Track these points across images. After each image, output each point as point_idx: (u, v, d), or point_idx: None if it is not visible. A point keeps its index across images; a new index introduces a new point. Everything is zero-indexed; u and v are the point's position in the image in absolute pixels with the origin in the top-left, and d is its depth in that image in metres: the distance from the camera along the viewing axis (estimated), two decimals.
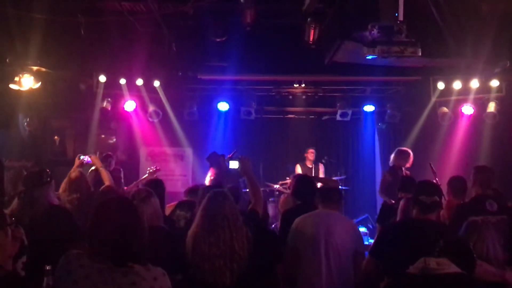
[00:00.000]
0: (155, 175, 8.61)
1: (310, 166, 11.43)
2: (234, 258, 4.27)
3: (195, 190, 6.36)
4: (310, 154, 11.52)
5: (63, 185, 6.58)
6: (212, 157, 9.61)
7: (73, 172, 6.71)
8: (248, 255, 4.33)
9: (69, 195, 6.33)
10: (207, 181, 9.27)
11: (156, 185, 5.96)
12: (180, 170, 12.39)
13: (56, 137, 11.75)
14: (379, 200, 12.53)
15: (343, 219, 5.38)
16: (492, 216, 4.91)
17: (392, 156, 8.73)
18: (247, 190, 8.38)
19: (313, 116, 13.07)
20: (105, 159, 8.22)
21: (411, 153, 8.65)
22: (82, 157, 7.21)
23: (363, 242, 5.44)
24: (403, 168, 8.53)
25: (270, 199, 10.81)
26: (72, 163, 11.01)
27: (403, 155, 8.63)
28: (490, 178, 5.80)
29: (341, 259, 5.01)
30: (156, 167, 8.87)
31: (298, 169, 11.23)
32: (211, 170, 9.55)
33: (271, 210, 9.84)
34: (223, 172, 9.11)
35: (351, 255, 5.07)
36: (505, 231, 4.54)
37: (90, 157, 7.33)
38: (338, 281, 4.99)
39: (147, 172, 8.97)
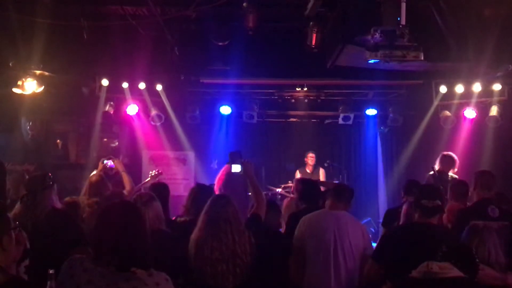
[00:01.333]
0: (157, 179, 8.60)
1: (310, 171, 11.38)
2: (237, 262, 4.27)
3: None
4: (310, 159, 11.47)
5: (84, 188, 6.64)
6: (236, 155, 9.68)
7: (94, 176, 6.75)
8: (251, 260, 4.34)
9: (89, 198, 6.36)
10: (217, 179, 9.34)
11: (161, 189, 5.97)
12: (183, 173, 12.38)
13: (58, 140, 11.77)
14: (382, 203, 12.57)
15: (353, 220, 5.33)
16: (494, 222, 4.92)
17: (437, 160, 8.63)
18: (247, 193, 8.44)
19: (315, 120, 13.07)
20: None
21: (454, 157, 8.46)
22: (105, 161, 7.27)
23: (371, 245, 5.41)
24: (450, 172, 8.38)
25: None
26: (74, 166, 11.13)
27: (445, 160, 8.51)
28: (491, 182, 5.78)
29: (349, 261, 4.99)
30: (158, 170, 8.86)
31: (298, 176, 11.14)
32: (226, 167, 9.59)
33: None
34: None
35: (359, 258, 5.05)
36: (507, 236, 4.54)
37: (113, 161, 7.38)
38: (345, 283, 4.97)
39: (149, 175, 8.97)
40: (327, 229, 5.04)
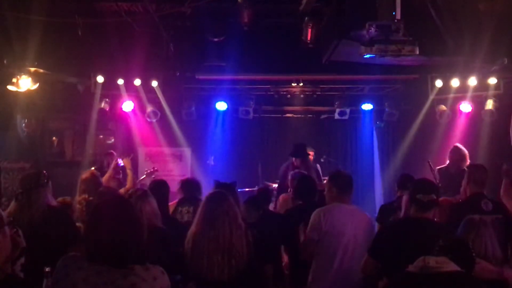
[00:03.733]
0: (152, 176, 8.61)
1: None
2: (233, 253, 4.32)
3: (190, 183, 6.37)
4: (309, 157, 11.44)
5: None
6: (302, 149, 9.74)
7: (84, 173, 6.82)
8: (247, 254, 4.36)
9: (79, 195, 6.40)
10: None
11: (160, 186, 5.98)
12: (179, 170, 12.38)
13: (54, 138, 11.75)
14: (378, 198, 12.59)
15: (365, 215, 5.35)
16: (487, 216, 4.93)
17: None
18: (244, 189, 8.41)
19: (311, 115, 13.08)
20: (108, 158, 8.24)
21: (455, 149, 8.50)
22: (119, 160, 7.40)
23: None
24: (460, 166, 8.35)
25: None
26: (70, 164, 11.13)
27: (449, 154, 8.56)
28: (484, 176, 5.78)
29: (355, 256, 4.98)
30: (153, 168, 8.87)
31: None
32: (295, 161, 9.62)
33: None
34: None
35: (363, 252, 5.04)
36: (501, 230, 4.56)
37: (122, 160, 7.46)
38: (347, 278, 4.97)
39: (145, 173, 8.97)
40: (345, 224, 5.01)
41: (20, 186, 5.08)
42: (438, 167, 8.55)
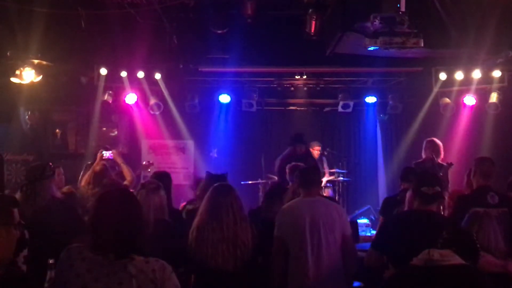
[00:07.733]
0: (148, 169, 8.56)
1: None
2: (238, 243, 4.33)
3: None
4: (316, 152, 11.38)
5: (86, 178, 6.70)
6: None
7: (97, 166, 6.80)
8: (252, 246, 4.37)
9: (94, 188, 6.40)
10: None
11: (163, 178, 5.96)
12: (182, 162, 12.39)
13: (57, 130, 11.76)
14: (381, 191, 12.59)
15: (328, 204, 5.16)
16: (493, 209, 4.92)
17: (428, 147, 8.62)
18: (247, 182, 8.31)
19: (314, 108, 13.04)
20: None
21: (429, 143, 8.46)
22: (104, 152, 7.29)
23: (349, 225, 5.29)
24: (438, 160, 8.34)
25: None
26: (73, 156, 11.13)
27: (424, 148, 8.57)
28: (491, 169, 5.76)
29: (329, 247, 4.84)
30: (148, 161, 8.81)
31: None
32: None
33: None
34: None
35: (339, 241, 4.93)
36: (507, 223, 4.54)
37: (112, 152, 7.40)
38: (327, 270, 4.84)
39: (141, 166, 8.94)
40: (301, 216, 4.87)
41: (25, 178, 5.10)
42: (415, 162, 8.57)
